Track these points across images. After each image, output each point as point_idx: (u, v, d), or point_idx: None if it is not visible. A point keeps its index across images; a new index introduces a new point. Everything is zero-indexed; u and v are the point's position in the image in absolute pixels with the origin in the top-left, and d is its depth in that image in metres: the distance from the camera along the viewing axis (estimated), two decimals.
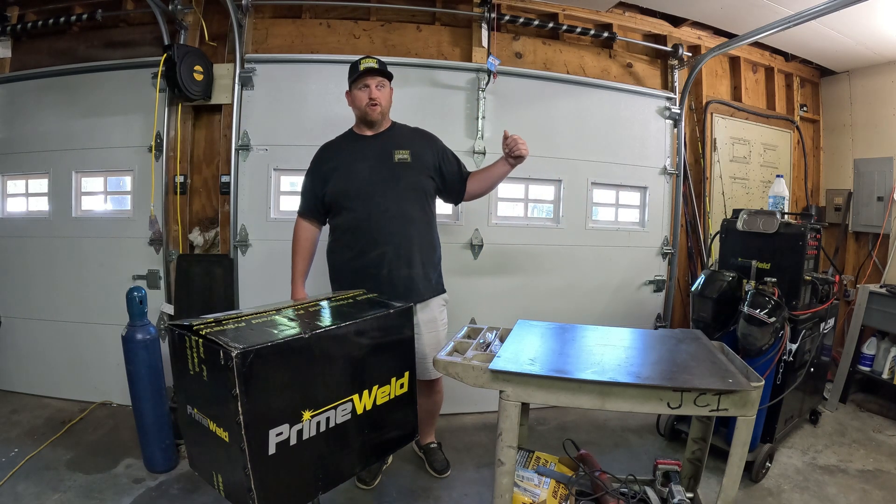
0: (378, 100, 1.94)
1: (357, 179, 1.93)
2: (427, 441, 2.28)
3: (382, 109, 1.97)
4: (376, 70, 1.92)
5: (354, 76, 1.96)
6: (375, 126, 2.01)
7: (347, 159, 1.97)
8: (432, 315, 2.03)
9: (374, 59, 1.96)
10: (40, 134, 2.82)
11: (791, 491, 2.16)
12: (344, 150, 2.02)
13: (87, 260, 2.79)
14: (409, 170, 1.96)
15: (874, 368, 3.02)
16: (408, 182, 1.95)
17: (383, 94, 1.96)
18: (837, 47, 3.28)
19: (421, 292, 1.98)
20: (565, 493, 1.66)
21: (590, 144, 3.02)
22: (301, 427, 1.31)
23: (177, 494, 2.02)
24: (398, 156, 1.95)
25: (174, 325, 1.33)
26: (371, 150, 1.98)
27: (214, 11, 2.72)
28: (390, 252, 1.91)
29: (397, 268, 1.92)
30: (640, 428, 2.74)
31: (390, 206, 1.91)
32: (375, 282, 1.90)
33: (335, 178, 1.96)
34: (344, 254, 1.98)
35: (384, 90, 1.97)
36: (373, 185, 1.92)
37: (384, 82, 1.97)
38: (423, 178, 1.98)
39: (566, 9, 2.99)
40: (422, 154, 2.00)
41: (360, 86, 1.95)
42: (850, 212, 3.70)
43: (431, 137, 2.10)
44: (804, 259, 2.29)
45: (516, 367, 1.38)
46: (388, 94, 2.01)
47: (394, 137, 2.02)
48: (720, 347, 1.66)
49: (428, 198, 2.01)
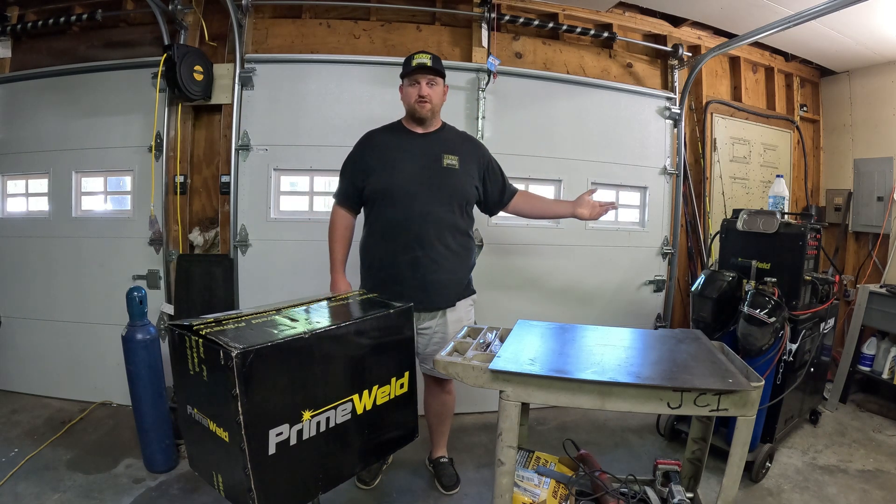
0: (428, 97, 1.90)
1: (401, 178, 1.88)
2: (438, 454, 2.21)
3: (433, 107, 1.93)
4: (429, 67, 1.89)
5: (406, 71, 1.93)
6: (425, 124, 1.97)
7: (394, 155, 1.92)
8: (458, 315, 2.01)
9: (429, 55, 1.92)
10: (40, 134, 2.82)
11: (791, 491, 2.16)
12: (391, 143, 1.95)
13: (87, 260, 2.79)
14: (455, 176, 1.92)
15: (874, 368, 3.02)
16: (453, 189, 1.91)
17: (434, 91, 1.92)
18: (837, 47, 3.28)
19: (451, 298, 1.98)
20: (565, 493, 1.65)
21: (590, 144, 3.02)
22: (301, 427, 1.31)
23: (177, 494, 2.02)
24: (447, 161, 1.91)
25: (174, 325, 1.33)
26: (419, 149, 1.93)
27: (214, 11, 2.72)
28: (424, 257, 1.88)
29: (431, 272, 1.89)
30: (640, 428, 2.74)
31: (431, 211, 1.87)
32: (408, 284, 1.88)
33: (378, 173, 1.91)
34: (378, 251, 1.94)
35: (436, 88, 1.93)
36: (417, 187, 1.87)
37: (436, 80, 1.93)
38: (468, 187, 1.95)
39: (566, 9, 2.99)
40: (469, 162, 1.97)
41: (411, 81, 1.92)
42: (850, 212, 3.70)
43: (480, 146, 2.09)
44: (804, 259, 2.29)
45: (516, 367, 1.38)
46: (440, 93, 1.96)
47: (444, 140, 1.98)
48: (720, 347, 1.66)
49: (469, 206, 1.99)
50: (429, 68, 1.88)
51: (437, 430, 2.21)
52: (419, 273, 1.88)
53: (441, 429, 2.21)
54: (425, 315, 1.96)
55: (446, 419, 2.20)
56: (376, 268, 1.95)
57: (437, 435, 2.21)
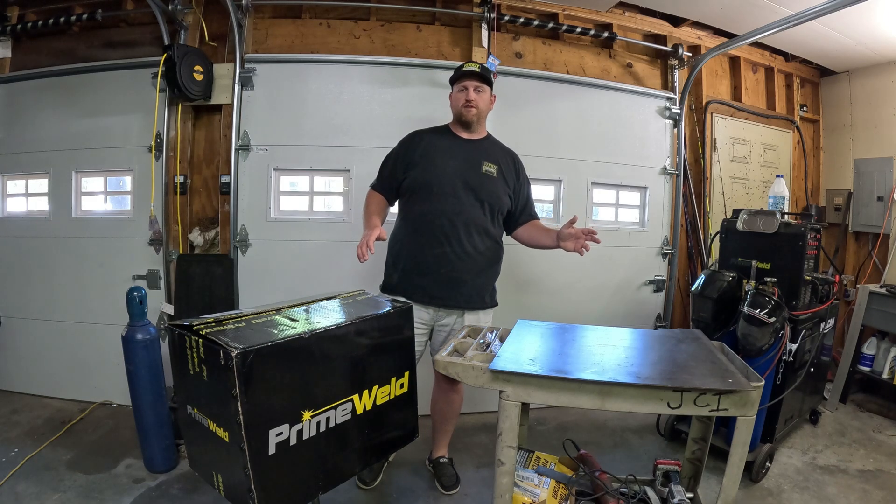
0: (475, 102, 1.98)
1: (441, 175, 1.96)
2: (438, 454, 2.22)
3: (479, 112, 2.01)
4: (476, 74, 1.97)
5: (455, 77, 2.03)
6: (471, 129, 2.05)
7: (439, 153, 2.00)
8: (477, 317, 2.03)
9: (478, 64, 2.02)
10: (40, 134, 2.82)
11: (791, 491, 2.16)
12: (438, 142, 2.04)
13: (87, 260, 2.79)
14: (492, 183, 1.99)
15: (874, 368, 3.02)
16: (488, 194, 1.98)
17: (481, 97, 2.00)
18: (837, 47, 3.28)
19: (474, 301, 2.01)
20: (565, 493, 1.65)
21: (590, 144, 3.01)
22: (301, 427, 1.31)
23: (177, 494, 2.02)
24: (486, 167, 2.00)
25: (174, 325, 1.33)
26: (463, 152, 2.01)
27: (214, 11, 2.72)
28: (452, 253, 1.92)
29: (456, 269, 1.94)
30: (640, 428, 2.74)
31: (464, 211, 1.93)
32: (432, 277, 1.93)
33: (421, 167, 1.98)
34: (408, 243, 1.99)
35: (482, 94, 2.00)
36: (454, 186, 1.94)
37: (483, 87, 2.00)
38: (503, 196, 2.02)
39: (566, 9, 2.99)
40: (506, 172, 2.05)
41: (460, 87, 2.00)
42: (850, 212, 3.70)
43: (519, 161, 2.14)
44: (804, 259, 2.29)
45: (516, 367, 1.38)
46: (487, 100, 2.04)
47: (486, 148, 2.06)
48: (720, 347, 1.66)
49: (500, 214, 2.04)
50: (476, 74, 1.97)
51: (441, 430, 2.21)
52: (445, 268, 1.93)
53: (445, 428, 2.21)
54: (444, 312, 1.99)
55: (451, 419, 2.20)
56: (404, 258, 1.99)
57: (439, 434, 2.22)
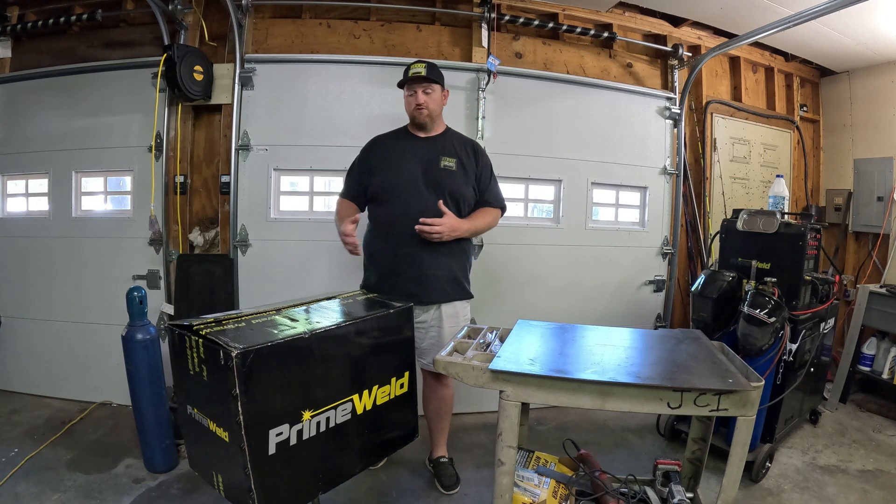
0: (425, 103, 2.01)
1: (402, 177, 2.01)
2: (438, 454, 2.22)
3: (430, 113, 2.04)
4: (423, 77, 2.00)
5: (403, 81, 2.05)
6: (426, 128, 2.09)
7: (397, 156, 2.06)
8: (455, 310, 2.07)
9: (424, 63, 2.03)
10: (40, 134, 2.82)
11: (791, 491, 2.16)
12: (395, 145, 2.09)
13: (87, 260, 2.79)
14: (452, 177, 2.03)
15: (874, 368, 3.02)
16: (450, 188, 2.01)
17: (431, 98, 2.03)
18: (837, 47, 3.28)
19: (448, 294, 2.04)
20: (565, 493, 1.66)
21: (590, 144, 3.01)
22: (301, 427, 1.31)
23: (177, 494, 2.02)
24: (444, 162, 2.03)
25: (174, 325, 1.33)
26: (421, 151, 2.05)
27: (214, 11, 2.72)
28: (422, 252, 1.96)
29: (427, 267, 1.98)
30: (640, 428, 2.74)
31: (429, 208, 1.95)
32: (405, 276, 1.97)
33: (382, 171, 2.04)
34: (378, 245, 2.04)
35: (432, 94, 2.03)
36: (415, 186, 1.99)
37: (432, 87, 2.03)
38: (465, 188, 2.05)
39: (566, 9, 2.99)
40: (467, 164, 2.08)
41: (409, 91, 2.04)
42: (850, 212, 3.70)
43: (479, 150, 2.16)
44: (804, 259, 2.29)
45: (516, 367, 1.38)
46: (437, 98, 2.07)
47: (444, 144, 2.09)
48: (720, 347, 1.66)
49: (466, 206, 2.06)
50: (423, 77, 2.00)
51: (437, 428, 2.21)
52: (415, 267, 1.97)
53: (440, 426, 2.21)
54: (420, 309, 2.00)
55: (445, 416, 2.20)
56: (377, 260, 2.04)
57: (436, 433, 2.22)
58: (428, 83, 2.02)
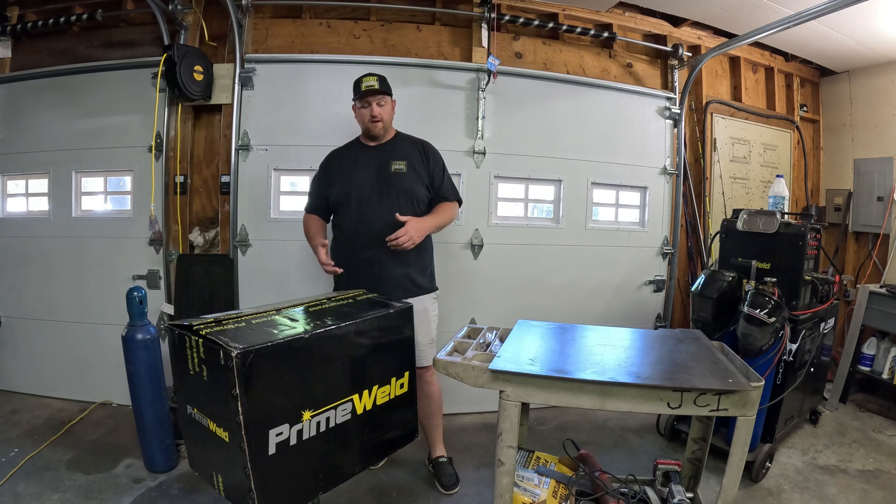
0: (379, 115, 2.08)
1: (356, 186, 2.09)
2: (437, 454, 2.22)
3: (384, 124, 2.12)
4: (377, 90, 2.06)
5: (357, 95, 2.10)
6: (378, 138, 2.16)
7: (350, 167, 2.14)
8: (423, 306, 2.10)
9: (375, 77, 2.08)
10: (40, 134, 2.82)
11: (791, 491, 2.16)
12: (349, 157, 2.18)
13: (87, 260, 2.79)
14: (403, 179, 2.10)
15: (874, 368, 3.02)
16: (401, 190, 2.08)
17: (384, 110, 2.10)
18: (837, 47, 3.28)
19: (411, 290, 2.08)
20: (565, 493, 1.66)
21: (590, 144, 3.01)
22: (301, 427, 1.31)
23: (177, 494, 2.02)
24: (395, 166, 2.11)
25: (174, 325, 1.33)
26: (372, 160, 2.13)
27: (214, 11, 2.72)
28: (381, 252, 2.01)
29: (389, 267, 2.04)
30: (640, 428, 2.74)
31: (384, 211, 2.02)
32: (368, 279, 2.02)
33: (338, 183, 2.13)
34: (341, 251, 2.10)
35: (385, 106, 2.11)
36: (370, 192, 2.07)
37: (385, 98, 2.10)
38: (417, 187, 2.11)
39: (566, 9, 2.99)
40: (417, 164, 2.14)
41: (364, 104, 2.09)
42: (850, 212, 3.70)
43: (429, 149, 2.21)
44: (804, 259, 2.29)
45: (516, 367, 1.38)
46: (390, 109, 2.14)
47: (394, 149, 2.15)
48: (720, 347, 1.66)
49: (420, 204, 2.12)
50: (376, 91, 2.06)
51: (430, 427, 2.21)
52: (376, 269, 2.04)
53: (433, 424, 2.20)
54: None
55: (436, 414, 2.20)
56: (342, 266, 2.07)
57: (430, 432, 2.22)
58: (381, 95, 2.08)
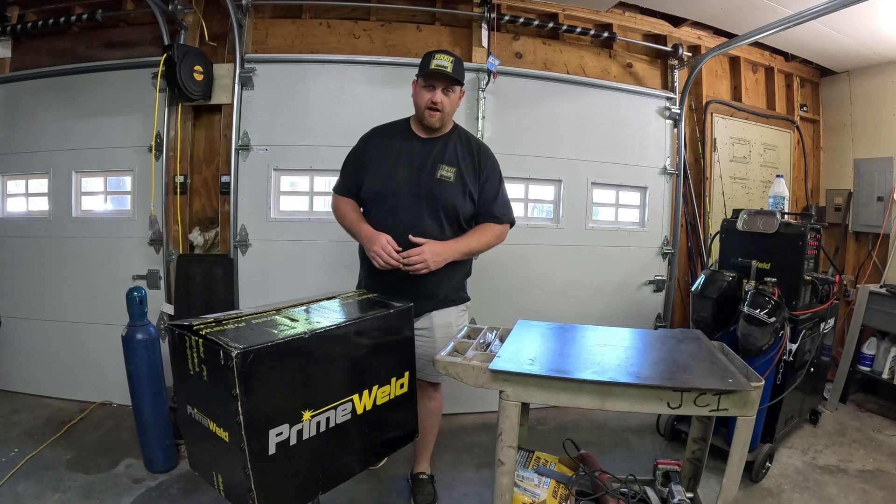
0: (441, 105, 1.77)
1: (393, 185, 1.80)
2: (419, 470, 2.08)
3: (443, 116, 1.80)
4: (448, 75, 1.73)
5: (423, 71, 1.77)
6: (432, 130, 1.85)
7: (391, 158, 1.84)
8: (448, 319, 1.92)
9: (451, 58, 1.74)
10: (40, 134, 2.82)
11: (791, 491, 2.16)
12: (391, 146, 1.85)
13: (87, 260, 2.79)
14: (448, 190, 1.80)
15: (874, 368, 3.02)
16: (443, 202, 1.80)
17: (449, 100, 1.79)
18: (837, 47, 3.28)
19: (437, 303, 1.89)
20: (565, 493, 1.65)
21: (590, 144, 3.01)
22: (301, 427, 1.31)
23: (177, 494, 2.02)
24: (441, 172, 1.80)
25: (174, 325, 1.33)
26: (417, 156, 1.82)
27: (214, 11, 2.72)
28: None
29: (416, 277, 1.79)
30: (640, 428, 2.74)
31: (417, 223, 1.78)
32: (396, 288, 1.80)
33: (374, 174, 1.84)
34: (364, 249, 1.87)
35: (451, 95, 1.79)
36: (406, 199, 1.79)
37: (454, 88, 1.80)
38: (463, 202, 1.82)
39: (566, 9, 2.99)
40: (466, 174, 1.83)
41: (427, 84, 1.77)
42: (850, 212, 3.70)
43: (484, 157, 1.89)
44: (804, 259, 2.29)
45: (516, 367, 1.38)
46: (456, 100, 1.84)
47: (445, 149, 1.84)
48: (720, 347, 1.66)
49: (461, 220, 1.86)
50: (447, 75, 1.74)
51: (421, 441, 2.03)
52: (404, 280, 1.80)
53: (424, 439, 2.05)
54: None
55: (431, 430, 2.06)
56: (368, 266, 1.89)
57: (419, 446, 2.08)
58: (452, 83, 1.77)
